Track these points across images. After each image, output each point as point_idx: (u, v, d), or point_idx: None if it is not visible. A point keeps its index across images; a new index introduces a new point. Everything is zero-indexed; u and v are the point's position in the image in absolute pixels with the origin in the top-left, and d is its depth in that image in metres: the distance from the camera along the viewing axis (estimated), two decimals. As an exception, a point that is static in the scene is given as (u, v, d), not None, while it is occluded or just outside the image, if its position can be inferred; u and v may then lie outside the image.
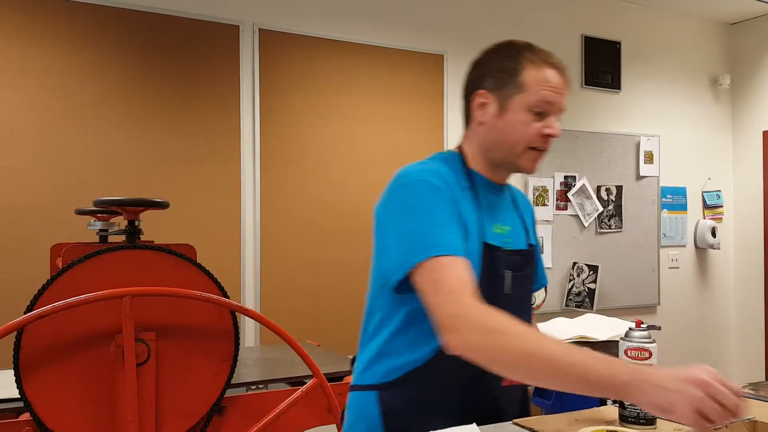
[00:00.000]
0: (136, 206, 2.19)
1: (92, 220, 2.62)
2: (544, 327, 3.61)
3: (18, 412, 2.03)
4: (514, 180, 4.15)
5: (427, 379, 1.28)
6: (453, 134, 4.01)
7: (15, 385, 1.87)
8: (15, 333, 1.86)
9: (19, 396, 1.88)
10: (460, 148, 1.42)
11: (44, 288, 1.89)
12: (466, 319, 1.12)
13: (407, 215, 1.24)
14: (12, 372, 1.87)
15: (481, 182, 1.37)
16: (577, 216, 4.44)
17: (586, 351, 1.08)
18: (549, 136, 1.31)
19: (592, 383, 1.04)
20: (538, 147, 1.32)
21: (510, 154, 1.33)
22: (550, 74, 1.31)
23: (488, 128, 1.34)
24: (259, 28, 3.46)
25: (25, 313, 1.85)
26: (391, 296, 1.30)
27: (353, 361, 1.44)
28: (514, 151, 1.32)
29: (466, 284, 1.16)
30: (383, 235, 1.30)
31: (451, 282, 1.16)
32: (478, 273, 1.28)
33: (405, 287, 1.24)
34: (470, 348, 1.12)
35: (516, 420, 1.35)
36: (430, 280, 1.18)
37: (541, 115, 1.31)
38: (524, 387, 1.45)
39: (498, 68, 1.34)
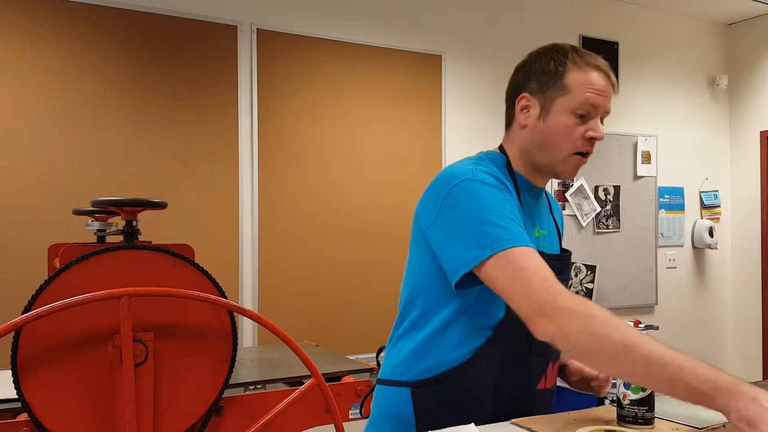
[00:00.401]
0: (133, 206, 2.19)
1: (90, 221, 2.61)
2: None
3: (16, 412, 2.03)
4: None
5: (462, 381, 1.28)
6: (451, 134, 4.01)
7: (13, 385, 1.86)
8: (13, 333, 1.86)
9: (16, 396, 1.88)
10: (501, 149, 1.40)
11: (42, 288, 1.89)
12: (563, 306, 1.10)
13: (473, 211, 1.21)
14: (10, 372, 1.86)
15: (524, 185, 1.36)
16: (575, 216, 4.44)
17: (686, 354, 1.07)
18: (593, 138, 1.29)
19: (686, 386, 1.04)
20: (582, 151, 1.30)
21: (553, 158, 1.31)
22: (595, 76, 1.29)
23: (530, 131, 1.33)
24: (257, 29, 3.45)
25: (22, 313, 1.85)
26: (434, 296, 1.29)
27: (379, 351, 1.42)
28: (558, 156, 1.30)
29: (549, 271, 1.15)
30: (440, 233, 1.25)
31: (538, 271, 1.14)
32: None
33: (466, 283, 1.21)
34: (567, 336, 1.09)
35: (514, 420, 1.34)
36: (512, 270, 1.14)
37: (584, 118, 1.29)
38: (554, 389, 1.44)
39: (542, 71, 1.32)
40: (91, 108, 3.09)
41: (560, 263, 1.36)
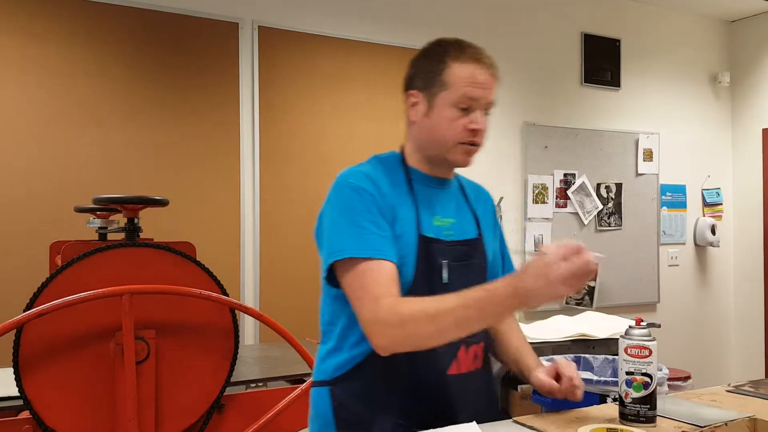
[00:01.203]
0: (135, 204, 2.19)
1: (92, 218, 2.61)
2: (543, 325, 3.61)
3: (18, 410, 2.03)
4: (514, 177, 4.15)
5: (372, 373, 1.32)
6: (453, 132, 4.00)
7: (15, 383, 1.87)
8: (14, 331, 1.86)
9: (18, 394, 1.88)
10: (402, 147, 1.47)
11: (44, 286, 1.89)
12: (381, 321, 1.21)
13: (333, 216, 1.32)
14: (11, 370, 1.86)
15: (419, 177, 1.41)
16: (576, 213, 4.43)
17: (474, 289, 1.17)
18: (474, 131, 1.35)
19: (489, 315, 1.17)
20: (467, 141, 1.36)
21: (441, 150, 1.37)
22: (474, 70, 1.34)
23: (419, 127, 1.40)
24: (259, 25, 3.45)
25: (24, 311, 1.85)
26: (335, 294, 1.36)
27: None
28: (445, 147, 1.37)
29: (384, 287, 1.23)
30: (319, 234, 1.38)
31: (371, 287, 1.23)
32: (414, 264, 1.32)
33: (335, 282, 1.32)
34: (394, 345, 1.22)
35: (516, 418, 1.35)
36: (352, 286, 1.26)
37: (466, 111, 1.34)
38: (485, 377, 1.44)
39: (426, 68, 1.38)
40: (93, 105, 3.09)
41: (468, 248, 1.41)
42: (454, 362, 1.35)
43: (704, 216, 5.03)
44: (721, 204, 5.12)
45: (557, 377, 1.37)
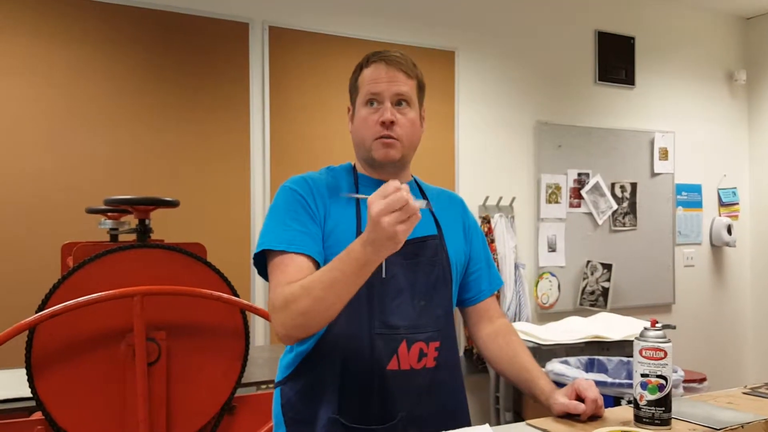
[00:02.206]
0: (146, 205, 2.20)
1: (103, 219, 2.62)
2: (556, 326, 3.58)
3: (30, 410, 2.04)
4: (527, 177, 4.12)
5: (311, 369, 1.37)
6: (464, 130, 3.99)
7: (27, 384, 1.87)
8: (27, 332, 1.87)
9: (31, 395, 1.88)
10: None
11: (55, 287, 1.89)
12: (273, 309, 1.27)
13: (271, 213, 1.42)
14: (24, 371, 1.87)
15: (367, 182, 1.48)
16: (590, 214, 4.40)
17: (334, 260, 1.20)
18: (384, 123, 1.40)
19: (351, 271, 1.18)
20: (381, 135, 1.41)
21: (365, 149, 1.44)
22: (373, 68, 1.44)
23: (352, 134, 1.50)
24: (269, 26, 3.45)
25: (36, 312, 1.86)
26: None
27: None
28: (366, 146, 1.44)
29: (289, 277, 1.28)
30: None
31: (277, 279, 1.31)
32: None
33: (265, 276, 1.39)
34: (287, 329, 1.26)
35: (529, 421, 1.33)
36: (269, 279, 1.34)
37: (374, 107, 1.42)
38: (439, 377, 1.41)
39: (351, 81, 1.51)
40: (103, 106, 3.10)
41: (415, 246, 1.43)
42: (393, 357, 1.36)
43: (720, 216, 4.98)
44: (737, 203, 5.06)
45: (577, 398, 1.34)
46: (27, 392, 1.89)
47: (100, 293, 1.89)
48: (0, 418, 2.00)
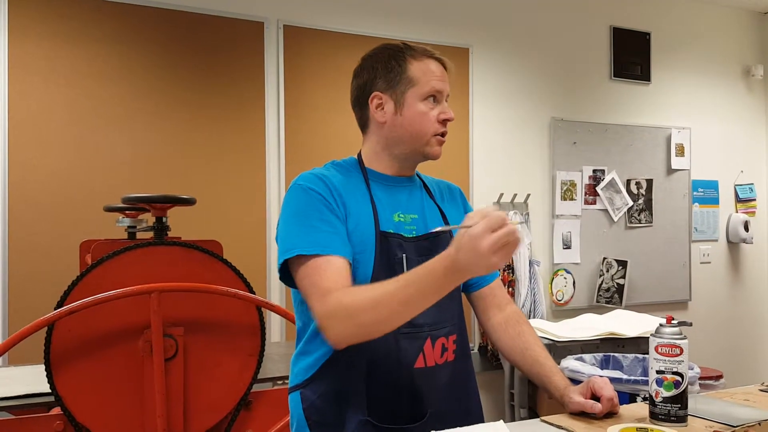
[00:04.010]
0: (163, 203, 2.22)
1: (121, 217, 2.65)
2: (572, 323, 3.57)
3: (49, 406, 2.06)
4: (542, 174, 4.11)
5: (338, 371, 1.34)
6: (479, 127, 3.98)
7: (46, 379, 1.90)
8: (46, 328, 1.89)
9: (50, 390, 1.91)
10: (359, 153, 1.50)
11: (74, 284, 1.92)
12: (330, 315, 1.22)
13: (285, 218, 1.36)
14: (43, 367, 1.90)
15: (376, 177, 1.45)
16: (606, 210, 4.37)
17: (414, 269, 1.18)
18: (446, 120, 1.42)
19: (430, 292, 1.16)
20: (440, 132, 1.42)
21: (418, 144, 1.42)
22: (433, 65, 1.43)
23: (390, 126, 1.42)
24: (284, 24, 3.46)
25: (55, 309, 1.88)
26: (301, 299, 1.38)
27: None
28: (422, 141, 1.42)
29: (332, 283, 1.25)
30: (277, 238, 1.40)
31: (319, 284, 1.25)
32: (373, 260, 1.35)
33: (288, 281, 1.35)
34: (345, 338, 1.24)
35: (544, 417, 1.33)
36: (303, 284, 1.29)
37: (435, 103, 1.42)
38: (459, 370, 1.43)
39: (385, 69, 1.43)
40: (121, 106, 3.13)
41: (431, 243, 1.42)
42: (420, 356, 1.36)
43: (737, 212, 4.93)
44: (754, 200, 5.01)
45: (592, 396, 1.34)
46: (46, 388, 1.92)
47: (117, 290, 1.91)
48: (20, 414, 2.03)
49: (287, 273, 1.34)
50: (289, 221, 1.35)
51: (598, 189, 4.34)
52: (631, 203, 4.44)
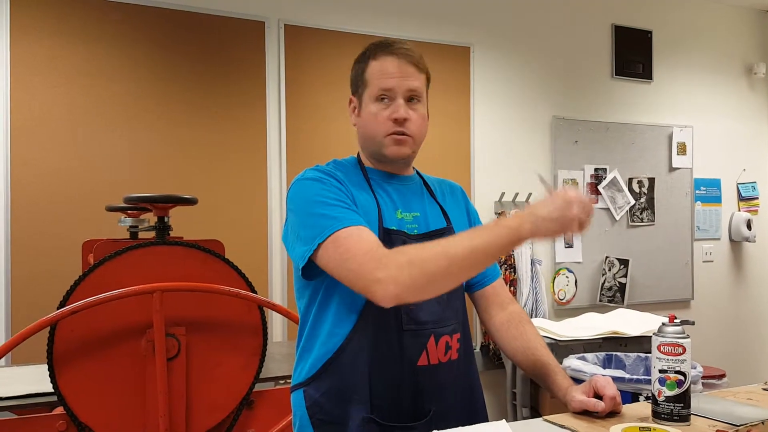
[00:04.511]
0: (165, 203, 2.22)
1: (123, 217, 2.65)
2: (574, 322, 3.57)
3: (52, 406, 2.07)
4: (543, 173, 4.10)
5: (339, 369, 1.34)
6: (480, 126, 3.98)
7: (49, 379, 1.90)
8: (48, 328, 1.89)
9: (52, 390, 1.91)
10: (358, 153, 1.52)
11: (76, 284, 1.92)
12: (385, 265, 1.19)
13: (301, 207, 1.33)
14: (46, 367, 1.90)
15: (377, 175, 1.46)
16: (608, 209, 4.37)
17: (476, 228, 1.24)
18: (396, 120, 1.38)
19: (497, 247, 1.19)
20: (393, 132, 1.39)
21: (375, 146, 1.42)
22: (385, 62, 1.41)
23: (358, 128, 1.47)
24: (285, 24, 3.46)
25: (58, 308, 1.88)
26: (306, 299, 1.39)
27: None
28: (376, 142, 1.41)
29: (372, 243, 1.23)
30: (287, 235, 1.39)
31: (358, 246, 1.23)
32: None
33: (312, 273, 1.32)
34: (399, 289, 1.18)
35: (547, 417, 1.33)
36: (337, 253, 1.24)
37: (386, 102, 1.39)
38: (462, 368, 1.42)
39: (355, 72, 1.47)
40: (122, 105, 3.13)
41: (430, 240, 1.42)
42: (423, 353, 1.36)
43: (740, 211, 4.92)
44: (757, 198, 5.00)
45: (595, 395, 1.33)
46: (49, 387, 1.92)
47: (120, 290, 1.92)
48: (23, 413, 2.03)
49: (310, 265, 1.30)
50: (306, 210, 1.31)
51: (600, 188, 4.33)
52: (633, 202, 4.43)
